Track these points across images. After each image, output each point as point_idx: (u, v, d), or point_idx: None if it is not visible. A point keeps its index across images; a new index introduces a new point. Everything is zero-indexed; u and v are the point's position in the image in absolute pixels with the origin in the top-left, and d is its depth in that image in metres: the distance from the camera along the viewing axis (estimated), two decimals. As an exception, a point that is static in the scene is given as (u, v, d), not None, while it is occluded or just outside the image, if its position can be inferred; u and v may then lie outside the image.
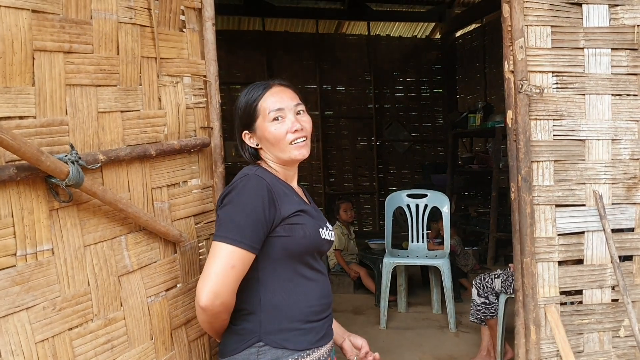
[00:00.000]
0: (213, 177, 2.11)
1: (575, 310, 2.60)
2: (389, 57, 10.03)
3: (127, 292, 1.73)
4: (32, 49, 1.48)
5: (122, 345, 1.70)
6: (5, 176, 1.36)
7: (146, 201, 1.82)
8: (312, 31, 9.76)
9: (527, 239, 2.47)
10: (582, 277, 2.60)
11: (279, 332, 1.68)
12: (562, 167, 2.56)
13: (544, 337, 2.54)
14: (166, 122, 1.90)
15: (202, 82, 2.07)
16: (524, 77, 2.44)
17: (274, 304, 1.69)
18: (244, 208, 1.63)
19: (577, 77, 2.56)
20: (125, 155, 1.69)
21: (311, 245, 1.74)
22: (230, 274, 1.59)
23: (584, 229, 2.59)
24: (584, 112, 2.58)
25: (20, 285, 1.42)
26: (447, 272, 4.72)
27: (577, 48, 2.56)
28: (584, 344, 2.62)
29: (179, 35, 1.98)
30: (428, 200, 5.07)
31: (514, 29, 2.44)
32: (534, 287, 2.50)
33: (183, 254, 1.96)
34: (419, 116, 10.31)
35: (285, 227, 1.68)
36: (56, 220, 1.52)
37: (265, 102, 1.75)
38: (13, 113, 1.44)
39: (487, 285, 3.80)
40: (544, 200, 2.54)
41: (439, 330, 4.78)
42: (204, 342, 2.05)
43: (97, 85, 1.66)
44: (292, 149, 1.75)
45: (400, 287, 5.31)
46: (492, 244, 7.08)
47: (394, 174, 10.18)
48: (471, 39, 10.10)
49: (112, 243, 1.68)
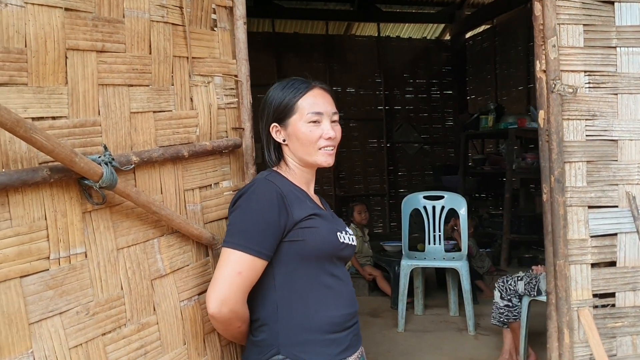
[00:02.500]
0: (244, 178, 2.07)
1: (608, 313, 2.54)
2: (399, 59, 10.01)
3: (160, 296, 1.69)
4: (65, 48, 1.44)
5: (156, 351, 1.66)
6: (38, 178, 1.32)
7: (178, 203, 1.78)
8: (322, 32, 9.75)
9: (561, 241, 2.42)
10: (615, 280, 2.54)
11: (297, 344, 1.62)
12: (594, 167, 2.51)
13: (577, 341, 2.49)
14: (198, 122, 1.86)
15: (234, 82, 2.03)
16: (556, 76, 2.39)
17: (291, 314, 1.64)
18: (252, 213, 1.60)
19: (609, 77, 2.51)
20: (158, 156, 1.65)
21: (327, 249, 1.68)
22: (237, 280, 1.55)
23: (617, 230, 2.54)
24: (616, 112, 2.52)
25: (53, 290, 1.39)
26: (465, 274, 4.68)
27: (609, 47, 2.51)
28: (616, 348, 2.56)
29: (210, 34, 1.94)
30: (445, 202, 5.03)
31: (546, 28, 2.39)
32: (567, 289, 2.44)
33: (215, 257, 1.91)
34: (429, 118, 10.28)
35: (298, 232, 1.63)
36: (89, 222, 1.49)
37: (305, 102, 1.71)
38: (46, 113, 1.41)
39: (510, 287, 3.74)
40: (576, 202, 2.48)
41: (457, 333, 4.73)
42: (236, 347, 2.01)
43: (130, 85, 1.62)
44: (320, 154, 1.73)
45: (417, 289, 5.27)
46: (506, 246, 7.03)
47: (404, 176, 10.13)
48: (481, 40, 10.07)
49: (144, 246, 1.64)
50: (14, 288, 1.30)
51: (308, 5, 9.37)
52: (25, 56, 1.35)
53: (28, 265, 1.33)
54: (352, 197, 8.66)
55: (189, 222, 1.76)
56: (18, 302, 1.30)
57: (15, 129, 1.20)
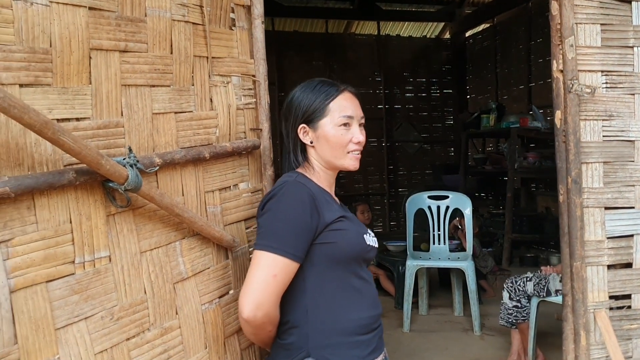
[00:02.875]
0: (262, 180, 2.04)
1: (624, 315, 2.53)
2: (399, 57, 9.98)
3: (182, 300, 1.66)
4: (89, 47, 1.42)
5: (178, 355, 1.63)
6: (64, 180, 1.30)
7: (199, 205, 1.75)
8: (322, 31, 9.71)
9: (577, 243, 2.40)
10: (631, 281, 2.53)
11: (327, 347, 1.60)
12: (611, 168, 2.49)
13: (593, 343, 2.47)
14: (217, 123, 1.84)
15: (252, 82, 2.01)
16: (574, 76, 2.37)
17: (321, 317, 1.62)
18: (284, 215, 1.57)
19: (626, 77, 2.49)
20: (180, 158, 1.62)
21: (356, 252, 1.67)
22: (272, 283, 1.52)
23: (634, 232, 2.52)
24: (633, 113, 2.51)
25: (79, 294, 1.36)
26: (471, 274, 4.66)
27: (626, 47, 2.49)
28: (632, 350, 2.55)
29: (229, 33, 1.92)
30: (450, 202, 5.00)
31: (564, 27, 2.37)
32: (584, 291, 2.42)
33: (235, 259, 1.89)
34: (429, 116, 10.26)
35: (328, 234, 1.61)
36: (113, 226, 1.47)
37: (337, 104, 1.69)
38: (70, 114, 1.38)
39: (519, 288, 3.73)
40: (593, 203, 2.47)
41: (463, 333, 4.71)
42: (255, 351, 1.99)
43: (152, 85, 1.60)
44: (348, 158, 1.72)
45: (422, 289, 5.24)
46: (507, 245, 7.03)
47: (404, 175, 10.11)
48: (482, 38, 10.06)
49: (167, 249, 1.62)
50: (41, 293, 1.28)
51: (308, 4, 9.33)
52: (50, 56, 1.33)
53: (54, 270, 1.31)
54: (352, 197, 8.61)
55: (211, 224, 1.74)
56: (44, 307, 1.28)
57: (43, 130, 1.18)
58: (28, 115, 1.13)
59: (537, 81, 8.32)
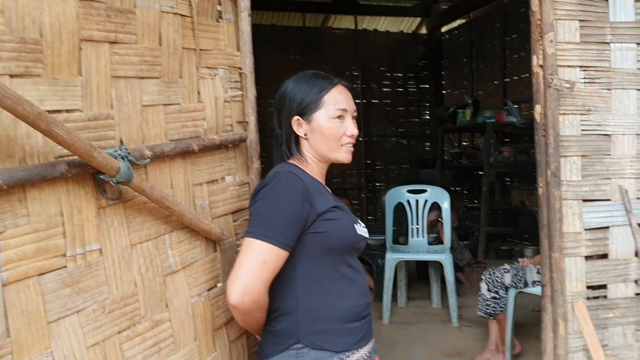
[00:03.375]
0: (249, 173, 2.05)
1: (600, 304, 2.59)
2: (376, 52, 9.99)
3: (172, 293, 1.66)
4: (79, 38, 1.41)
5: (169, 348, 1.63)
6: (57, 173, 1.29)
7: (188, 198, 1.75)
8: (299, 24, 9.68)
9: (557, 234, 2.46)
10: (607, 272, 2.59)
11: (317, 333, 1.62)
12: (589, 162, 2.55)
13: (572, 332, 2.53)
14: (205, 116, 1.84)
15: (238, 75, 2.01)
16: (553, 71, 2.42)
17: (311, 304, 1.63)
18: (276, 204, 1.58)
19: (604, 72, 2.55)
20: (169, 150, 1.62)
21: (348, 241, 1.69)
22: (261, 270, 1.53)
23: (610, 223, 2.59)
24: (610, 107, 2.57)
25: (70, 287, 1.36)
26: (449, 266, 4.72)
27: (603, 42, 2.55)
28: (608, 338, 2.62)
29: (216, 25, 1.92)
30: (428, 196, 5.06)
31: (544, 23, 2.41)
32: (562, 282, 2.48)
33: (223, 252, 1.89)
34: (405, 111, 10.30)
35: (320, 223, 1.62)
36: (104, 219, 1.46)
37: (331, 97, 1.71)
38: (61, 106, 1.37)
39: (497, 280, 3.79)
40: (571, 195, 2.52)
41: (441, 325, 4.77)
42: (243, 342, 2.00)
43: (141, 77, 1.59)
44: (342, 151, 1.75)
45: (401, 282, 5.30)
46: (483, 238, 7.13)
47: (381, 170, 10.16)
48: (458, 34, 10.14)
49: (157, 242, 1.62)
50: (33, 286, 1.27)
51: (286, -3, 9.32)
52: (41, 47, 1.31)
53: (46, 263, 1.30)
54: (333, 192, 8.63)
55: (200, 217, 1.74)
56: (37, 301, 1.27)
57: (37, 122, 1.17)
58: (22, 106, 1.12)
59: (512, 77, 8.43)
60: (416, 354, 4.12)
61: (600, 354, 2.43)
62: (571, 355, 2.54)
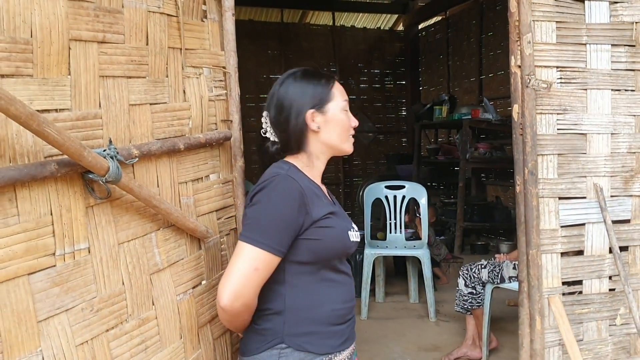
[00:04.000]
0: (233, 171, 2.06)
1: (575, 300, 2.66)
2: (353, 48, 10.05)
3: (158, 291, 1.67)
4: (69, 38, 1.41)
5: (155, 346, 1.65)
6: (46, 172, 1.29)
7: (174, 197, 1.76)
8: (277, 20, 9.68)
9: (534, 231, 2.51)
10: (583, 268, 2.66)
11: (302, 335, 1.63)
12: (565, 160, 2.61)
13: (548, 327, 2.59)
14: (190, 115, 1.85)
15: (222, 74, 2.02)
16: (531, 71, 2.47)
17: (298, 306, 1.65)
18: (273, 210, 1.58)
19: (579, 73, 2.61)
20: (156, 149, 1.63)
21: (339, 249, 1.70)
22: (253, 276, 1.54)
23: (585, 220, 2.65)
24: (585, 107, 2.63)
25: (59, 286, 1.36)
26: (427, 262, 4.79)
27: (579, 44, 2.60)
28: (583, 333, 2.69)
29: (201, 25, 1.93)
30: (406, 192, 5.11)
31: (522, 24, 2.46)
32: (539, 278, 2.54)
33: (207, 250, 1.91)
34: (382, 107, 10.38)
35: (314, 230, 1.63)
36: (92, 217, 1.46)
37: (337, 89, 1.75)
38: (50, 106, 1.37)
39: (475, 275, 3.86)
40: (548, 193, 2.58)
41: (419, 320, 4.84)
42: (227, 340, 2.02)
43: (129, 76, 1.60)
44: (349, 141, 1.79)
45: (379, 277, 5.36)
46: (459, 234, 7.21)
47: (358, 165, 10.22)
48: (434, 31, 10.22)
49: (143, 240, 1.63)
50: (23, 286, 1.27)
51: (263, -8, 9.29)
52: (31, 47, 1.31)
53: (35, 262, 1.30)
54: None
55: (186, 215, 1.75)
56: (27, 300, 1.27)
57: (28, 122, 1.17)
58: (15, 106, 1.12)
59: (487, 74, 8.54)
60: (394, 349, 4.18)
61: (575, 349, 2.50)
62: (547, 349, 2.60)
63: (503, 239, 7.11)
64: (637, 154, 2.70)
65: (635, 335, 2.74)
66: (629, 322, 2.73)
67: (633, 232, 2.72)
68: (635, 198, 2.72)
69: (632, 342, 2.76)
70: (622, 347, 2.75)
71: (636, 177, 2.70)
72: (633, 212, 2.72)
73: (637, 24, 2.66)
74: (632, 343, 2.76)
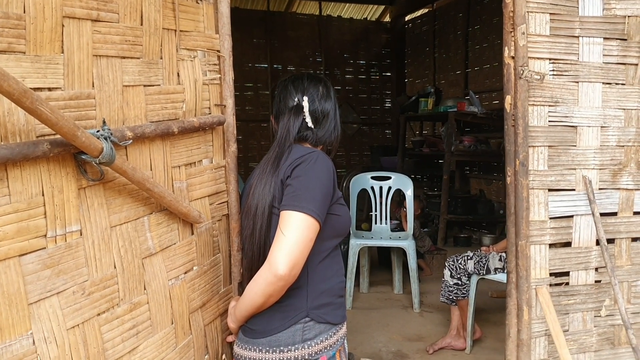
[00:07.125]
0: (225, 156, 2.04)
1: (562, 291, 2.67)
2: (339, 39, 10.03)
3: (150, 275, 1.65)
4: (62, 15, 1.37)
5: (146, 331, 1.62)
6: (39, 152, 1.26)
7: (166, 180, 1.73)
8: (263, 8, 9.62)
9: (523, 222, 2.52)
10: (570, 260, 2.68)
11: (321, 307, 1.73)
12: (555, 152, 2.61)
13: (535, 317, 2.61)
14: (184, 98, 1.82)
15: (216, 58, 1.99)
16: (524, 63, 2.47)
17: (317, 279, 1.73)
18: (318, 181, 1.66)
19: (571, 65, 2.61)
20: (150, 132, 1.60)
21: (348, 227, 1.84)
22: (308, 245, 1.61)
23: (573, 212, 2.67)
24: (576, 100, 2.63)
25: (51, 269, 1.33)
26: (412, 253, 4.80)
27: (572, 36, 2.60)
28: (569, 323, 2.71)
29: (196, 7, 1.89)
30: (392, 183, 5.11)
31: (517, 15, 2.45)
32: (527, 269, 2.55)
33: (199, 235, 1.89)
34: (367, 99, 10.38)
35: (336, 207, 1.75)
36: (84, 199, 1.43)
37: None
38: (43, 84, 1.34)
39: (460, 266, 3.87)
40: (537, 185, 2.59)
41: (403, 310, 4.85)
42: (217, 326, 2.00)
43: (122, 57, 1.56)
44: None
45: (363, 267, 5.36)
46: (443, 226, 7.25)
47: (342, 156, 10.23)
48: (421, 23, 10.23)
49: (135, 224, 1.60)
50: (14, 267, 1.24)
51: (249, -20, 9.22)
52: (24, 22, 1.27)
53: (26, 244, 1.27)
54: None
55: (178, 199, 1.73)
56: (17, 282, 1.24)
57: (21, 99, 1.14)
58: (7, 82, 1.09)
59: (473, 67, 8.56)
60: (378, 338, 4.19)
61: (561, 339, 2.51)
62: (534, 340, 2.62)
63: (485, 231, 7.16)
64: (625, 147, 2.72)
65: (619, 326, 2.76)
66: (613, 313, 2.75)
67: (620, 225, 2.74)
68: (622, 191, 2.73)
69: (616, 334, 2.78)
70: (606, 338, 2.78)
71: (624, 170, 2.72)
72: (620, 205, 2.74)
73: (629, 17, 2.66)
74: (616, 334, 2.78)
